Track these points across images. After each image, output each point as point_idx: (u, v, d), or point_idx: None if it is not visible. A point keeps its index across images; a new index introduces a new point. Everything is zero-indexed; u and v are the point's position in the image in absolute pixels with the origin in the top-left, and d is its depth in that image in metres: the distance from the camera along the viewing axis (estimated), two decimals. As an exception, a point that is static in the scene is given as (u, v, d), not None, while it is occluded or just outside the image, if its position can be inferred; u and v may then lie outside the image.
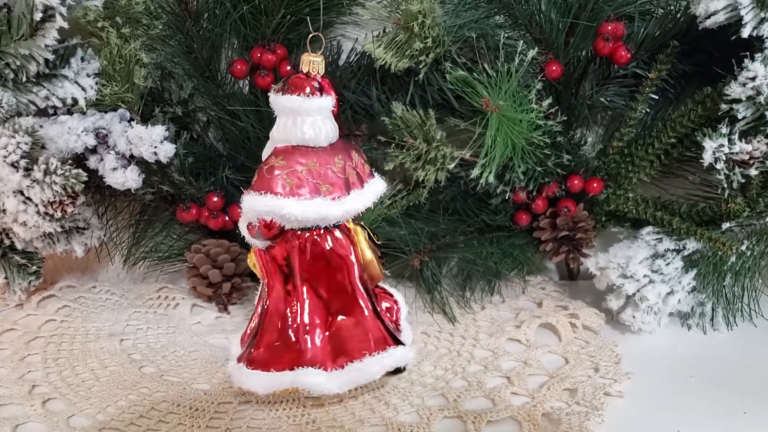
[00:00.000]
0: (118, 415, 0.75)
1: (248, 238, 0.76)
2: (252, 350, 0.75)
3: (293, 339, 0.74)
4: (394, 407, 0.77)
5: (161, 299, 1.03)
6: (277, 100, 0.74)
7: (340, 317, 0.76)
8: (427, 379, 0.82)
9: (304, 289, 0.75)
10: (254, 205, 0.72)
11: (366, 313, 0.76)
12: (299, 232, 0.74)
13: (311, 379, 0.73)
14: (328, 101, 0.74)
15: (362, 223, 0.79)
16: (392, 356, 0.76)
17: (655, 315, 0.91)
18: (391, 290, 0.84)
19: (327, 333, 0.75)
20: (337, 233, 0.75)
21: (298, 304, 0.75)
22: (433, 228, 0.98)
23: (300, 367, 0.73)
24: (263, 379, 0.74)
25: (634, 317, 0.91)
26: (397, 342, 0.77)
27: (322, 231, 0.75)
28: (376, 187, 0.78)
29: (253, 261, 0.78)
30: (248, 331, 0.78)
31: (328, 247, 0.75)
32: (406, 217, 0.96)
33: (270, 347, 0.75)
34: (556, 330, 0.92)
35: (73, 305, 1.00)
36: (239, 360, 0.75)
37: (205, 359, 0.87)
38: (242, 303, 1.02)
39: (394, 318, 0.82)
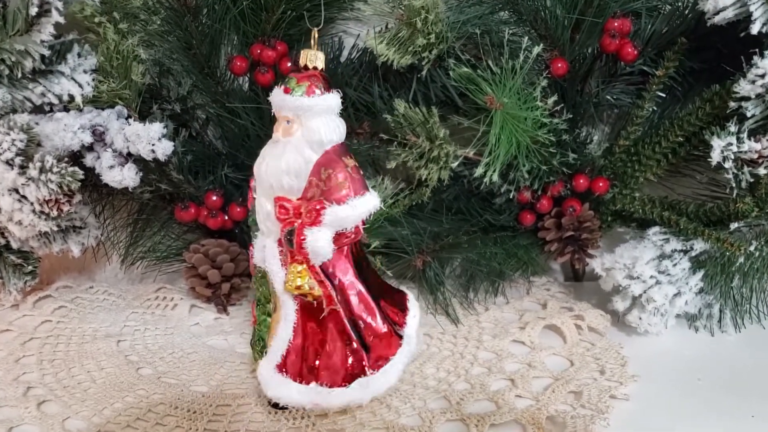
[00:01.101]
0: (114, 418, 0.74)
1: (326, 251, 0.71)
2: (361, 356, 0.73)
3: (386, 322, 0.76)
4: (396, 410, 0.75)
5: (159, 300, 1.02)
6: (328, 100, 0.71)
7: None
8: (430, 381, 0.81)
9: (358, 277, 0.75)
10: (367, 206, 0.71)
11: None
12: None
13: (412, 345, 0.75)
14: None
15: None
16: (416, 305, 0.81)
17: (661, 317, 0.90)
18: None
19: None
20: None
21: (368, 293, 0.75)
22: (436, 228, 0.97)
23: (402, 340, 0.76)
24: (395, 366, 0.74)
25: (640, 319, 0.90)
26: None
27: None
28: None
29: (301, 281, 0.72)
30: (296, 353, 0.74)
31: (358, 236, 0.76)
32: (409, 217, 0.95)
33: (377, 341, 0.75)
34: (561, 332, 0.91)
35: (70, 306, 0.99)
36: (349, 378, 0.73)
37: (204, 361, 0.86)
38: (241, 304, 1.00)
39: None
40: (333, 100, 0.71)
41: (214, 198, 0.95)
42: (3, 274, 0.97)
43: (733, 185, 0.85)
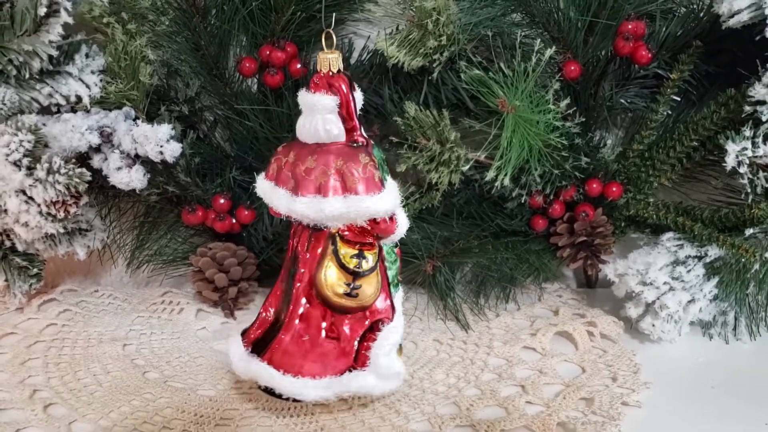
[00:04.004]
0: (121, 421, 0.73)
1: None
2: None
3: None
4: (405, 415, 0.75)
5: (165, 304, 1.01)
6: None
7: None
8: (439, 387, 0.80)
9: None
10: None
11: None
12: None
13: None
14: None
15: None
16: None
17: (675, 324, 0.88)
18: None
19: None
20: None
21: None
22: (447, 232, 0.96)
23: None
24: None
25: (653, 326, 0.89)
26: None
27: None
28: None
29: None
30: None
31: None
32: (419, 221, 0.94)
33: None
34: (572, 338, 0.90)
35: (75, 309, 0.98)
36: None
37: (211, 365, 0.85)
38: (248, 308, 0.99)
39: None
40: None
41: (222, 201, 0.94)
42: (8, 276, 0.96)
43: (749, 190, 0.84)
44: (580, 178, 0.94)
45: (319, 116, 0.70)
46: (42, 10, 0.79)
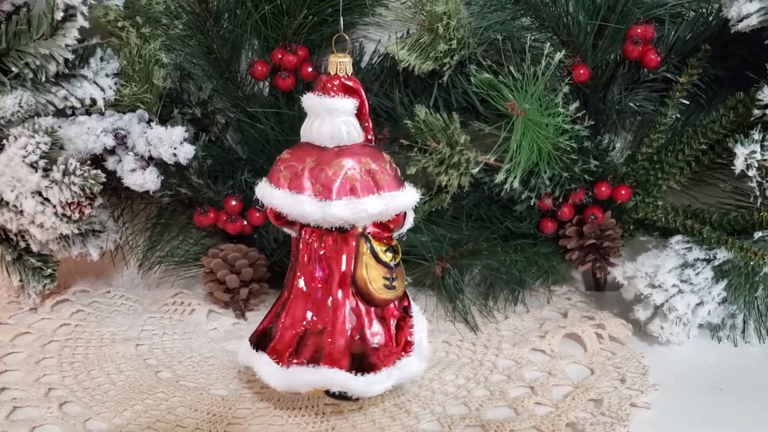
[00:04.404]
0: (134, 419, 0.74)
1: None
2: None
3: None
4: (415, 415, 0.75)
5: (177, 305, 1.02)
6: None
7: None
8: (449, 387, 0.81)
9: None
10: None
11: None
12: None
13: None
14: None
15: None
16: None
17: (684, 326, 0.88)
18: None
19: None
20: None
21: None
22: (456, 235, 0.96)
23: None
24: None
25: (662, 328, 0.89)
26: None
27: None
28: None
29: None
30: None
31: None
32: (428, 223, 0.95)
33: None
34: (581, 340, 0.90)
35: (87, 310, 0.99)
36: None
37: (222, 365, 0.86)
38: (259, 309, 1.00)
39: None
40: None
41: (234, 203, 0.95)
42: (23, 277, 0.97)
43: (757, 194, 0.84)
44: (589, 181, 0.94)
45: (339, 119, 0.70)
46: (59, 15, 0.80)
